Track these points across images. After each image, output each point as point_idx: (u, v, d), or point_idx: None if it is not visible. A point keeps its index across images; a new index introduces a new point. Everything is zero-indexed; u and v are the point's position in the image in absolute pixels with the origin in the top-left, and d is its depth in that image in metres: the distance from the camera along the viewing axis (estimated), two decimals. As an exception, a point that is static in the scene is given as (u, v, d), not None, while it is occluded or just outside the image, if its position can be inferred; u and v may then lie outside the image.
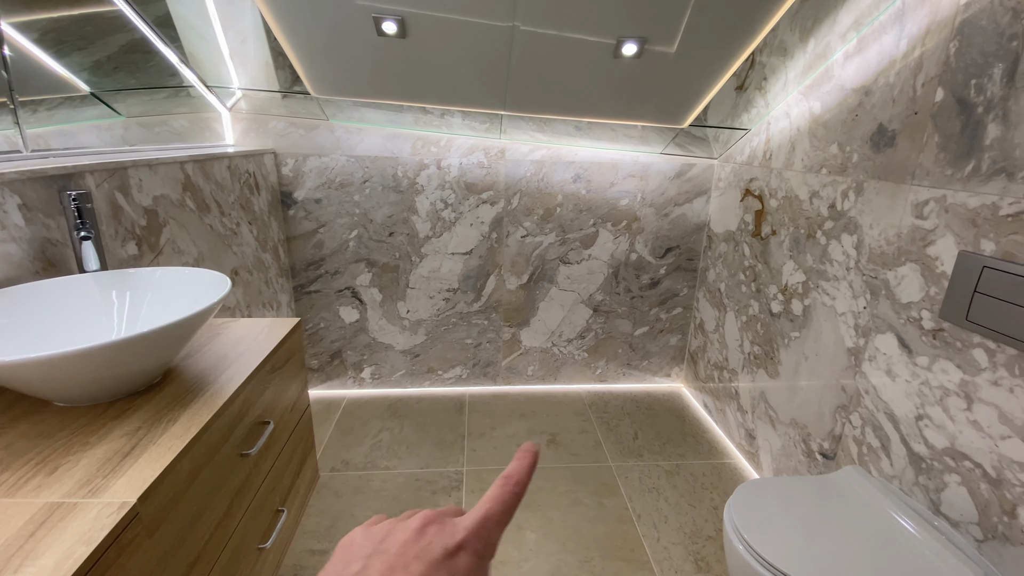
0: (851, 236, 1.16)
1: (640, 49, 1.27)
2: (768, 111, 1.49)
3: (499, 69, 1.39)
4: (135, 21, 1.28)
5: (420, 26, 1.23)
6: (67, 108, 1.44)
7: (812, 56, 1.28)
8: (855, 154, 1.15)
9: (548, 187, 1.82)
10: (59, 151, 1.04)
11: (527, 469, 0.24)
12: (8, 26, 0.94)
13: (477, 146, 1.76)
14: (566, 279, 1.95)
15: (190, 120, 1.64)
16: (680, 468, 1.59)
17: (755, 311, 1.57)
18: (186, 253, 1.18)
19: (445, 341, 1.98)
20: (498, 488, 0.23)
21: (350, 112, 1.67)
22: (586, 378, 2.09)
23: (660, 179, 1.84)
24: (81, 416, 0.58)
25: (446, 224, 1.83)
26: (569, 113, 1.58)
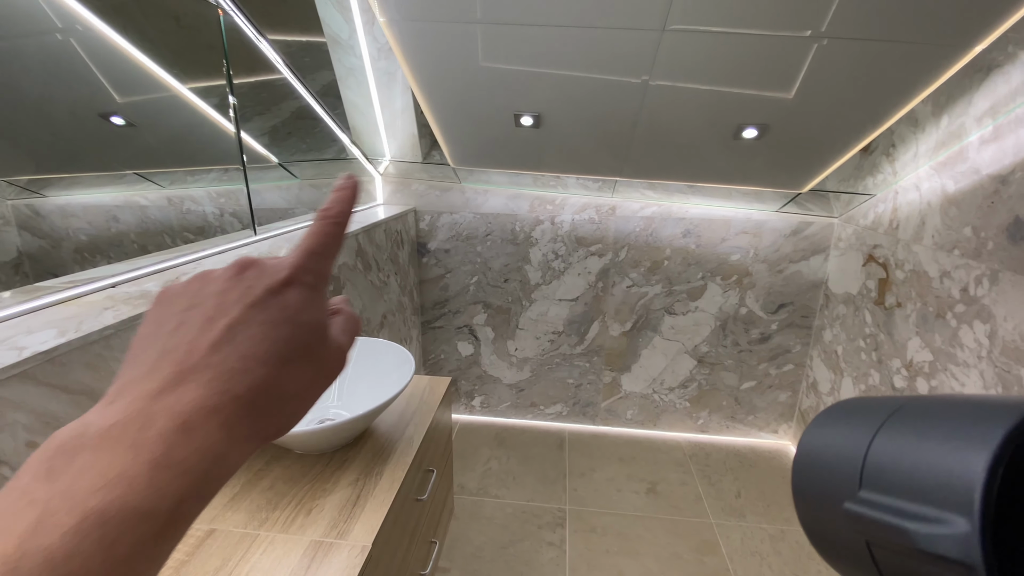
0: (984, 324, 1.12)
1: (762, 133, 1.33)
2: (896, 180, 1.45)
3: (621, 143, 1.52)
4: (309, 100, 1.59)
5: (554, 118, 1.41)
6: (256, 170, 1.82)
7: (945, 133, 1.25)
8: (990, 241, 1.11)
9: (656, 241, 1.91)
10: (274, 228, 1.36)
11: (347, 201, 0.23)
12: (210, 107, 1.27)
13: (589, 204, 1.90)
14: (670, 329, 2.01)
15: (350, 183, 1.99)
16: (785, 534, 1.58)
17: (875, 382, 1.52)
18: (354, 306, 1.46)
19: (548, 379, 2.14)
20: (318, 223, 0.22)
21: (479, 176, 1.90)
22: (687, 427, 2.12)
23: (775, 236, 1.84)
24: (315, 464, 0.81)
25: (555, 273, 1.99)
26: (685, 178, 1.66)
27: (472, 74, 1.30)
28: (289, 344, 0.19)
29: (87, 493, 0.14)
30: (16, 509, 0.13)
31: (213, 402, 0.17)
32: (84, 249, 1.65)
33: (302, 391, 0.20)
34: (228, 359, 0.18)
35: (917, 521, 0.17)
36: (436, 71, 1.33)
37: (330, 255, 0.22)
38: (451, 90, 1.40)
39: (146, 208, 1.73)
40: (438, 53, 1.26)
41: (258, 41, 1.25)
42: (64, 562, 0.13)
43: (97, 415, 0.16)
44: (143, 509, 0.14)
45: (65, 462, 0.15)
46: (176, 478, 0.15)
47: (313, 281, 0.21)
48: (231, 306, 0.19)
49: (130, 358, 0.19)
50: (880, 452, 0.20)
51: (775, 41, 1.07)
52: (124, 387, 0.17)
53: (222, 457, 0.17)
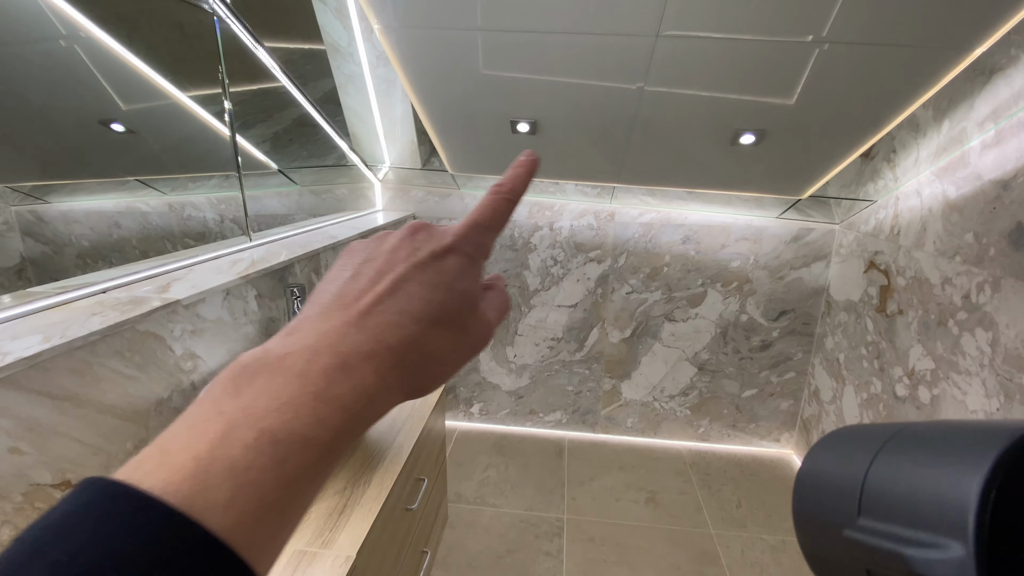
0: (986, 332, 1.10)
1: (759, 139, 1.32)
2: (897, 186, 1.44)
3: (618, 149, 1.52)
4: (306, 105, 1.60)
5: (550, 124, 1.41)
6: (256, 176, 1.83)
7: (946, 138, 1.24)
8: (992, 248, 1.10)
9: (655, 248, 1.90)
10: (268, 235, 1.36)
11: (522, 179, 0.24)
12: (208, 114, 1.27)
13: (588, 210, 1.89)
14: (670, 336, 1.99)
15: (349, 189, 1.99)
16: (786, 544, 1.55)
17: (877, 390, 1.50)
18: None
19: (547, 386, 2.12)
20: (490, 196, 0.23)
21: (478, 182, 1.90)
22: (687, 435, 2.10)
23: (775, 242, 1.83)
24: (303, 470, 0.80)
25: (554, 279, 1.98)
26: (682, 184, 1.65)
27: (468, 81, 1.31)
28: (441, 307, 0.20)
29: (263, 412, 0.16)
30: (208, 417, 0.16)
31: (369, 347, 0.18)
32: (86, 255, 1.66)
33: (445, 355, 0.21)
34: (387, 311, 0.19)
35: (914, 547, 0.17)
36: (432, 78, 1.33)
37: (495, 229, 0.23)
38: (447, 97, 1.40)
39: (147, 214, 1.74)
40: (434, 60, 1.27)
41: (255, 48, 1.26)
42: (244, 472, 0.15)
43: (276, 344, 0.18)
44: (307, 436, 0.16)
45: (247, 381, 0.17)
46: (334, 412, 0.17)
47: (473, 252, 0.22)
48: (398, 263, 0.21)
49: (312, 298, 0.21)
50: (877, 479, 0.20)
51: (774, 46, 1.07)
52: (301, 322, 0.20)
53: (372, 400, 0.18)
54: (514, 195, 0.23)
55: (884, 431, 0.22)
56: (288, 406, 0.16)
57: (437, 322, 0.20)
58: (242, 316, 0.97)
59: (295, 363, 0.17)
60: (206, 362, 0.87)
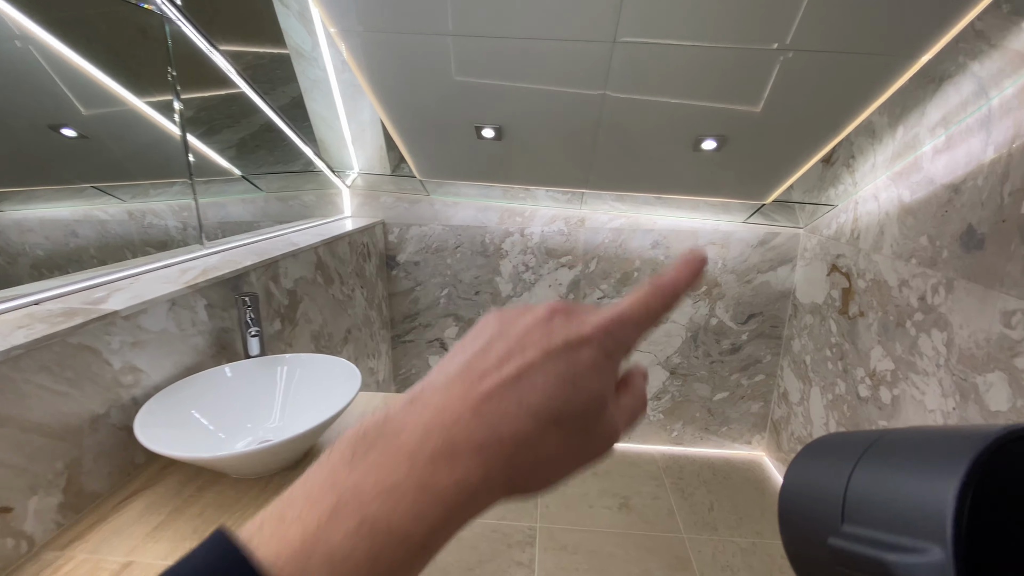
0: (941, 333, 1.13)
1: (720, 145, 1.34)
2: (856, 190, 1.47)
3: (585, 155, 1.52)
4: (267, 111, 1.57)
5: (516, 130, 1.40)
6: (220, 183, 1.79)
7: (901, 144, 1.27)
8: (945, 250, 1.12)
9: (626, 253, 1.91)
10: (225, 242, 1.32)
11: (685, 278, 0.22)
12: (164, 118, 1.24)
13: (559, 216, 1.89)
14: (646, 341, 1.99)
15: (317, 195, 1.96)
16: (757, 547, 1.56)
17: (842, 391, 1.52)
18: (314, 322, 1.42)
19: (523, 393, 2.10)
20: (645, 289, 0.21)
21: (448, 188, 1.89)
22: (661, 439, 2.10)
23: (742, 247, 1.85)
24: (251, 488, 0.77)
25: (526, 285, 1.98)
26: (650, 190, 1.66)
27: (431, 86, 1.30)
28: (565, 404, 0.19)
29: (369, 496, 0.16)
30: (323, 488, 0.17)
31: (481, 437, 0.18)
32: (42, 264, 1.59)
33: (559, 459, 0.19)
34: (507, 399, 0.18)
35: (896, 552, 0.18)
36: (394, 83, 1.32)
37: (642, 327, 0.21)
38: (410, 102, 1.38)
39: (106, 222, 1.68)
40: (396, 65, 1.25)
41: (210, 52, 1.23)
42: (341, 563, 0.15)
43: (397, 412, 0.19)
44: (405, 531, 0.16)
45: (363, 452, 0.17)
46: (435, 507, 0.17)
47: (612, 348, 0.20)
48: (529, 347, 0.19)
49: (442, 362, 0.21)
50: (859, 486, 0.21)
51: (738, 54, 1.08)
52: (425, 388, 0.19)
53: (474, 496, 0.18)
54: (673, 293, 0.21)
55: (864, 438, 0.22)
56: (392, 494, 0.17)
57: (557, 421, 0.19)
58: (190, 327, 0.94)
59: (407, 441, 0.17)
60: (149, 376, 0.83)
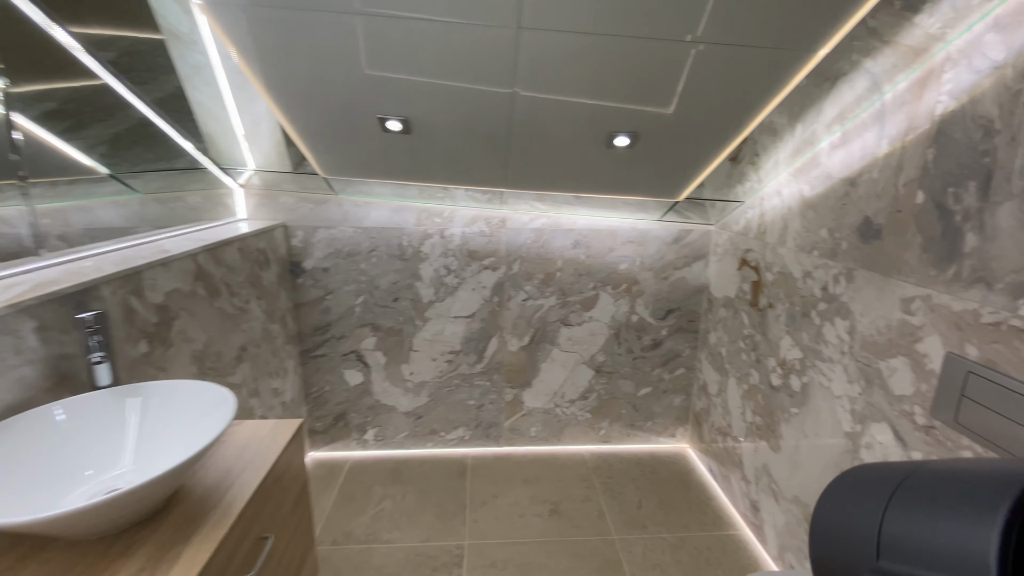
0: (844, 321, 1.18)
1: (633, 142, 1.33)
2: (761, 187, 1.53)
3: (499, 153, 1.45)
4: (136, 103, 1.35)
5: (425, 124, 1.30)
6: (87, 184, 1.52)
7: (800, 141, 1.32)
8: (844, 241, 1.18)
9: (548, 253, 1.87)
10: (74, 252, 1.10)
11: None
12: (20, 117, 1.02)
13: (479, 216, 1.81)
14: (567, 340, 1.97)
15: (204, 196, 1.73)
16: (685, 541, 1.57)
17: (756, 381, 1.57)
18: (196, 340, 1.23)
19: (448, 402, 2.00)
20: None
21: (358, 187, 1.74)
22: (590, 439, 2.08)
23: (658, 244, 1.88)
24: (88, 553, 0.61)
25: (449, 289, 1.88)
26: (568, 189, 1.63)
27: (329, 74, 1.16)
28: None
29: None
30: None
31: None
32: None
33: None
34: None
35: None
36: (283, 68, 1.17)
37: None
38: (306, 92, 1.24)
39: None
40: (283, 47, 1.11)
41: (48, 27, 1.01)
42: None
43: None
44: None
45: None
46: None
47: None
48: None
49: None
50: (894, 522, 0.21)
51: (638, 48, 1.06)
52: None
53: None
54: None
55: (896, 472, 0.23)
56: None
57: None
58: (12, 355, 0.75)
59: None
60: (-60, 423, 0.64)
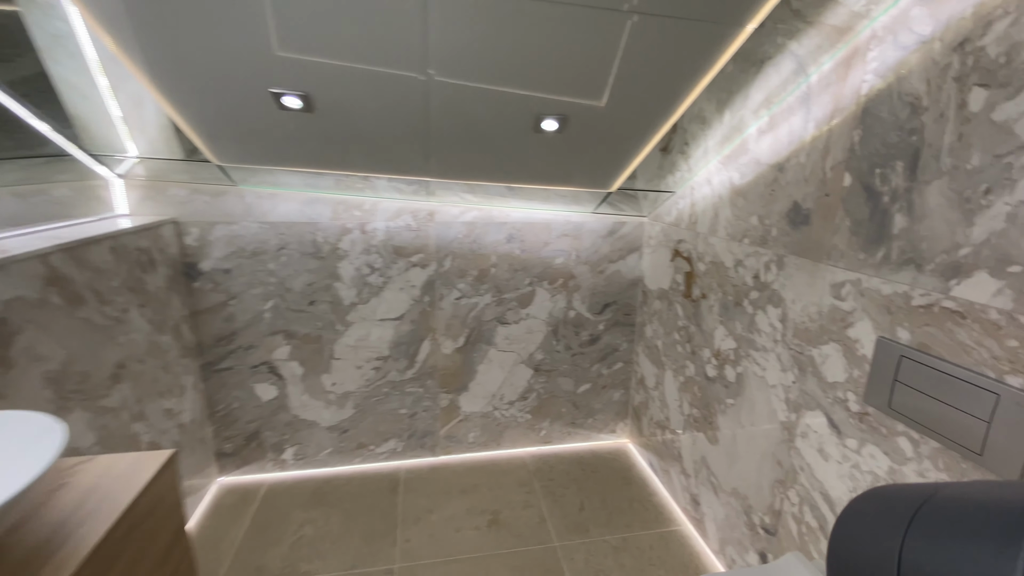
0: (776, 309, 1.16)
1: (562, 126, 1.25)
2: (691, 176, 1.50)
3: (420, 144, 1.33)
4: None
5: (327, 99, 1.15)
6: None
7: (728, 128, 1.30)
8: (774, 228, 1.16)
9: (481, 248, 1.76)
10: None
11: None
12: None
13: (405, 209, 1.68)
14: (504, 340, 1.87)
15: (74, 189, 1.47)
16: (627, 542, 1.52)
17: (692, 373, 1.55)
18: (49, 359, 1.00)
19: (377, 413, 1.84)
20: None
21: (262, 177, 1.55)
22: (530, 440, 2.00)
23: (593, 237, 1.82)
24: None
25: (373, 290, 1.72)
26: (496, 179, 1.53)
27: (219, 49, 0.99)
28: None
29: None
30: None
31: None
32: None
33: None
34: None
35: None
36: (157, 39, 0.98)
37: None
38: (189, 68, 1.05)
39: None
40: (156, 16, 0.92)
41: None
42: None
43: None
44: None
45: None
46: None
47: None
48: None
49: None
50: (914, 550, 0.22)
51: (574, 23, 0.98)
52: None
53: None
54: None
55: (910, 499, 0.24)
56: None
57: None
58: None
59: None
60: None
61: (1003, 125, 0.69)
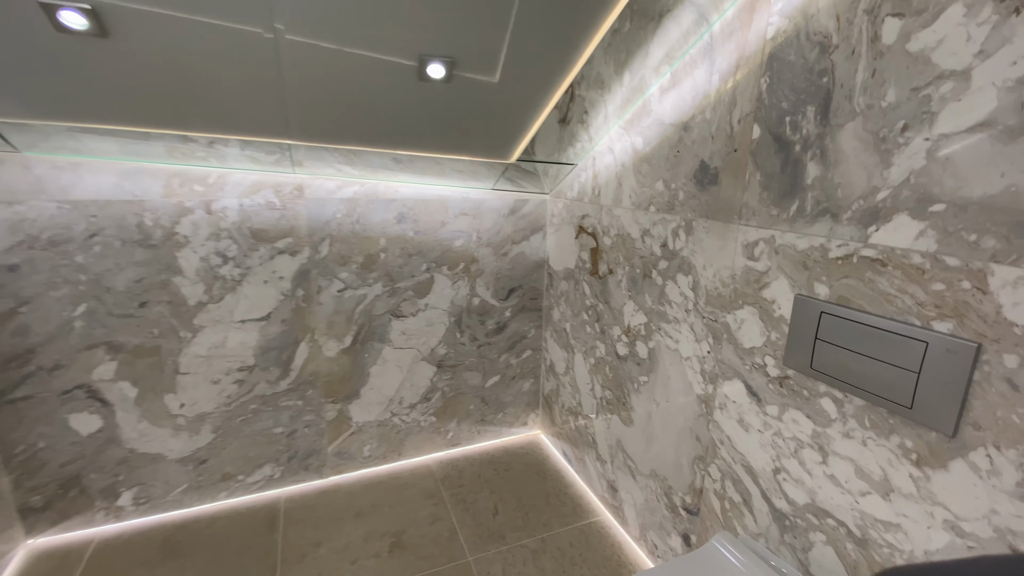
0: (686, 277, 1.10)
1: (449, 73, 1.07)
2: (592, 146, 1.42)
3: (270, 86, 1.07)
4: None
5: (129, 21, 0.85)
6: None
7: (629, 90, 1.22)
8: (681, 192, 1.10)
9: (366, 230, 1.52)
10: None
11: None
12: None
13: (264, 182, 1.38)
14: (401, 335, 1.65)
15: None
16: (546, 543, 1.40)
17: (602, 353, 1.47)
18: None
19: (244, 435, 1.52)
20: None
21: (61, 141, 1.17)
22: (436, 446, 1.81)
23: (494, 216, 1.68)
24: None
25: (228, 285, 1.41)
26: (377, 144, 1.31)
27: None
28: None
29: None
30: None
31: None
32: None
33: None
34: None
35: None
36: None
37: None
38: None
39: None
40: None
41: None
42: None
43: None
44: None
45: None
46: None
47: None
48: None
49: None
50: None
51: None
52: None
53: None
54: None
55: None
56: None
57: None
58: None
59: None
60: None
61: (920, 55, 0.65)
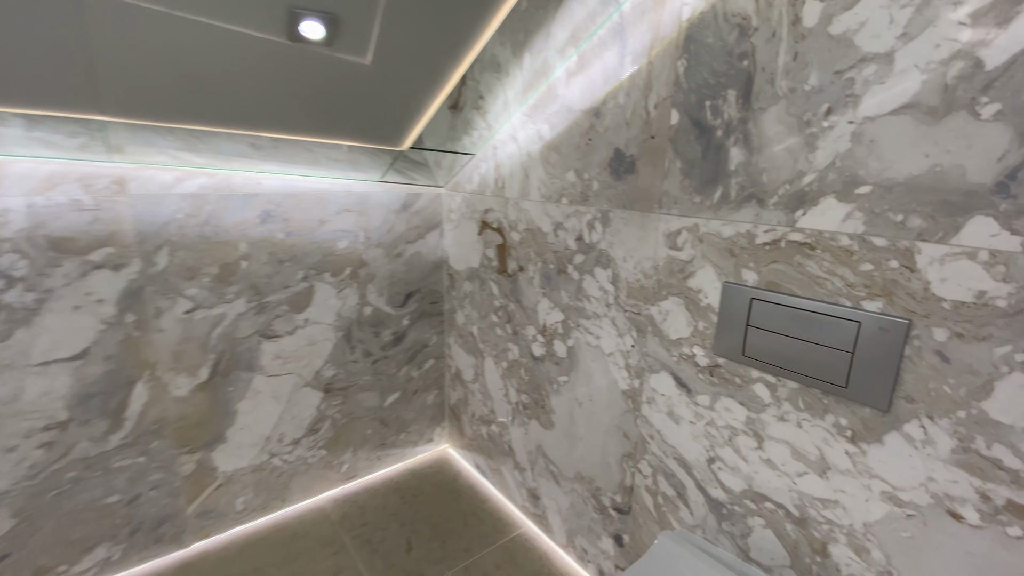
0: (605, 270, 1.06)
1: (330, 34, 0.87)
2: (492, 134, 1.31)
3: (68, 40, 0.77)
4: None
5: None
6: None
7: (531, 73, 1.14)
8: (595, 182, 1.04)
9: (220, 233, 1.23)
10: None
11: None
12: None
13: (65, 174, 1.03)
14: (276, 360, 1.38)
15: None
16: (470, 571, 1.27)
17: (516, 355, 1.38)
18: None
19: (62, 514, 1.14)
20: None
21: None
22: (330, 483, 1.56)
23: (384, 212, 1.48)
24: None
25: (17, 316, 1.03)
26: (229, 124, 1.05)
27: None
28: None
29: None
30: None
31: None
32: None
33: None
34: None
35: None
36: None
37: None
38: None
39: None
40: None
41: None
42: None
43: None
44: None
45: None
46: None
47: None
48: None
49: None
50: None
51: None
52: None
53: None
54: None
55: None
56: None
57: None
58: None
59: None
60: None
61: (842, 38, 0.65)
